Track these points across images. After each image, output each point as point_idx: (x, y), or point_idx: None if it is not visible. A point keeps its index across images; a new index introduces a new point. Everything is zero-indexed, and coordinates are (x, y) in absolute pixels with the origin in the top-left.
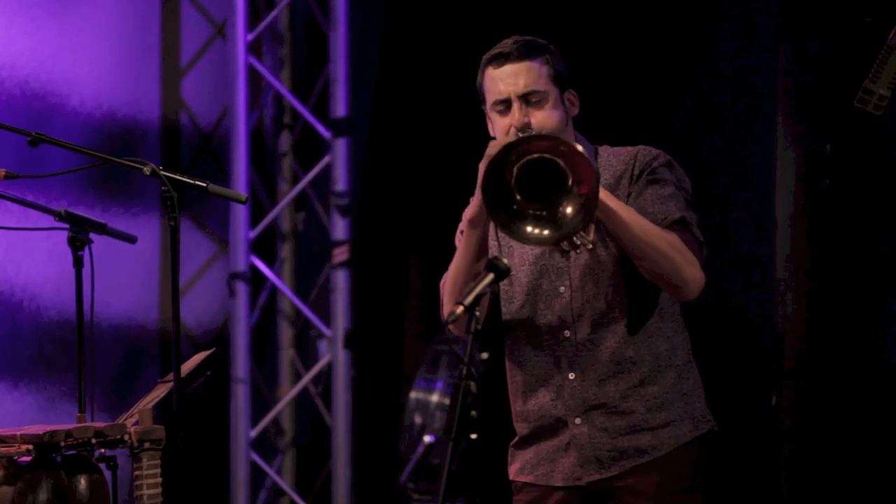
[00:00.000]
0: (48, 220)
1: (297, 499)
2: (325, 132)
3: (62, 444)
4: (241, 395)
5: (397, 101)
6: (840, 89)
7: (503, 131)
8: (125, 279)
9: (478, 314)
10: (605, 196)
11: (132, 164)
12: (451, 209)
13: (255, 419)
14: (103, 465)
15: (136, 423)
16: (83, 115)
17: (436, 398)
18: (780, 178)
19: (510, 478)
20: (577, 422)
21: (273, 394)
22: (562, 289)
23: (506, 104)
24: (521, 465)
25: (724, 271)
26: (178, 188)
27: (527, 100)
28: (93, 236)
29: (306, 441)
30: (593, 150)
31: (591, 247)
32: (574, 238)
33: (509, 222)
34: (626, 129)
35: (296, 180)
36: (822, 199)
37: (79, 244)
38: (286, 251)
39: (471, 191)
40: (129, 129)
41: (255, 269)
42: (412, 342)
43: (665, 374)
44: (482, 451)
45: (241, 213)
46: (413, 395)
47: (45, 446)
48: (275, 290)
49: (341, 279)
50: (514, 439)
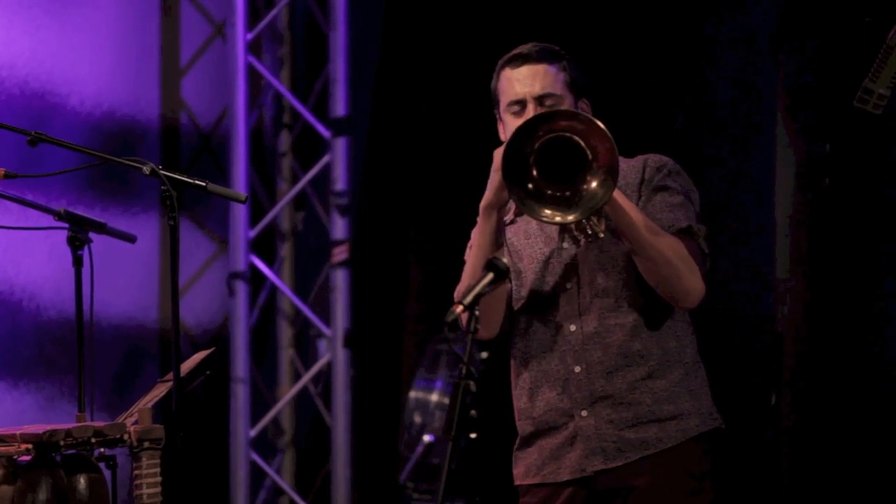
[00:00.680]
0: (48, 220)
1: (296, 498)
2: (324, 132)
3: (62, 443)
4: (240, 395)
5: (397, 100)
6: (840, 89)
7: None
8: (125, 279)
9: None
10: (617, 194)
11: (132, 163)
12: (451, 208)
13: (254, 419)
14: (103, 465)
15: (136, 423)
16: (83, 115)
17: (435, 397)
18: (779, 178)
19: (515, 483)
20: (584, 414)
21: (273, 393)
22: (568, 285)
23: (521, 105)
24: (525, 469)
25: (723, 271)
26: (178, 187)
27: (542, 102)
28: (92, 236)
29: (306, 441)
30: None
31: (602, 235)
32: (588, 226)
33: (530, 202)
34: (626, 129)
35: (295, 180)
36: (822, 199)
37: (78, 244)
38: (286, 251)
39: (470, 190)
40: (128, 129)
41: (254, 268)
42: (412, 341)
43: (673, 369)
44: (482, 451)
45: (240, 213)
46: (412, 394)
47: (44, 446)
48: (274, 290)
49: (341, 279)
50: (517, 441)
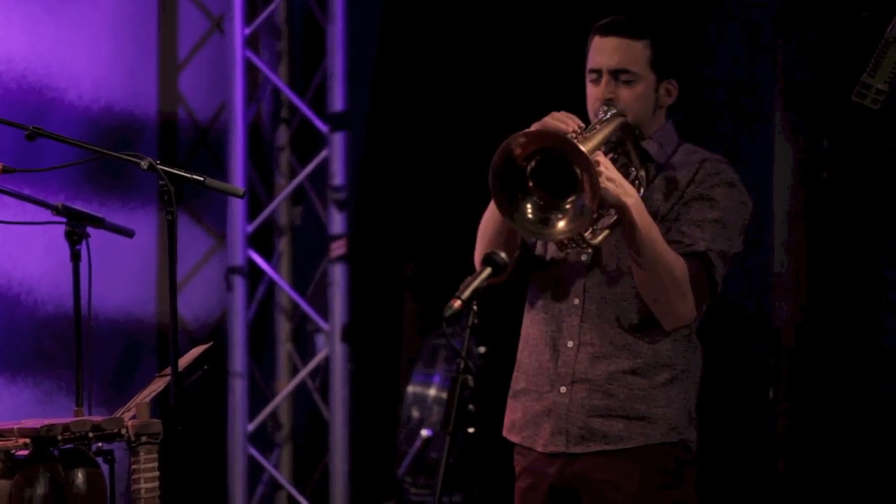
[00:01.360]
0: (45, 215)
1: (294, 493)
2: (322, 126)
3: (59, 437)
4: (238, 390)
5: (395, 95)
6: (838, 84)
7: (591, 99)
8: (123, 273)
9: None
10: (635, 211)
11: (129, 158)
12: (449, 202)
13: (252, 413)
14: (100, 459)
15: (134, 417)
16: (80, 110)
17: (433, 392)
18: (778, 173)
19: (503, 433)
20: (562, 390)
21: (270, 388)
22: (584, 257)
23: (598, 74)
24: (511, 423)
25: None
26: (176, 182)
27: (616, 76)
28: (90, 230)
29: (304, 435)
30: (676, 143)
31: (590, 251)
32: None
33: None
34: None
35: (293, 174)
36: (821, 194)
37: (76, 238)
38: (283, 245)
39: (467, 184)
40: (126, 124)
41: (252, 263)
42: (410, 336)
43: (659, 372)
44: (480, 445)
45: (238, 208)
46: (410, 388)
47: (42, 440)
48: (272, 285)
49: (339, 273)
50: (510, 389)
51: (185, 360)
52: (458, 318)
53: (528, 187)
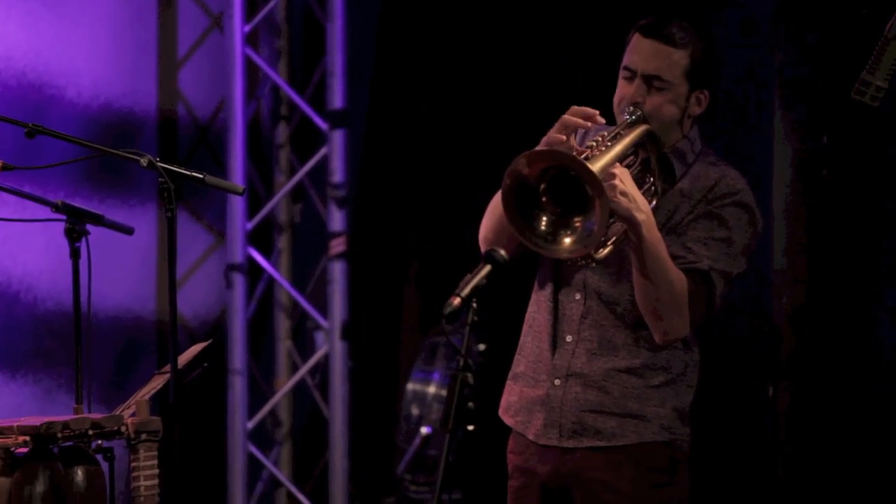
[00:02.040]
0: (45, 212)
1: (294, 490)
2: (322, 124)
3: (59, 435)
4: (237, 387)
5: (394, 92)
6: (837, 81)
7: (619, 95)
8: (122, 271)
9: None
10: (645, 227)
11: (129, 155)
12: (448, 199)
13: (252, 411)
14: (100, 457)
15: (133, 415)
16: (80, 107)
17: (433, 389)
18: (777, 170)
19: (499, 412)
20: (557, 383)
21: (270, 385)
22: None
23: (631, 73)
24: (507, 404)
25: None
26: (175, 179)
27: (649, 82)
28: (90, 227)
29: (303, 432)
30: (698, 152)
31: (593, 265)
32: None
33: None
34: None
35: (293, 172)
36: (820, 191)
37: (76, 235)
38: (283, 243)
39: (467, 180)
40: (125, 121)
41: (252, 260)
42: (409, 333)
43: (654, 374)
44: (479, 443)
45: (237, 205)
46: (410, 386)
47: (41, 438)
48: (272, 282)
49: (338, 271)
50: (511, 371)
51: (184, 358)
52: (457, 316)
53: (541, 202)
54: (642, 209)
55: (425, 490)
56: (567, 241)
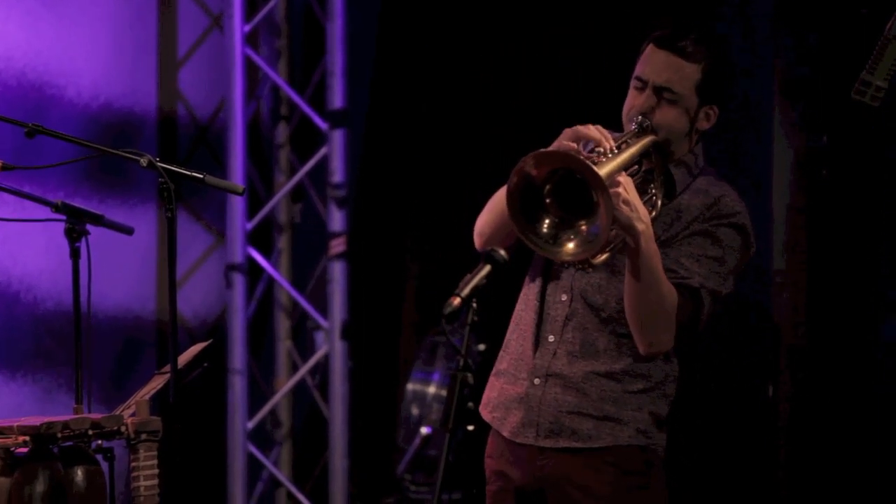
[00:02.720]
0: (45, 212)
1: (293, 490)
2: (322, 124)
3: (59, 435)
4: (237, 387)
5: (394, 92)
6: (837, 81)
7: (628, 105)
8: (122, 270)
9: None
10: (643, 238)
11: (129, 155)
12: (448, 200)
13: (251, 411)
14: (100, 457)
15: (133, 415)
16: (80, 107)
17: (433, 389)
18: (777, 170)
19: (479, 407)
20: (536, 382)
21: (270, 385)
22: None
23: (642, 83)
24: (487, 399)
25: None
26: (175, 179)
27: (659, 93)
28: (90, 227)
29: (303, 432)
30: (701, 168)
31: (590, 270)
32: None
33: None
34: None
35: (293, 172)
36: (820, 191)
37: (76, 235)
38: (283, 242)
39: (467, 181)
40: (125, 121)
41: (251, 260)
42: (409, 333)
43: (634, 381)
44: (479, 443)
45: (237, 205)
46: (410, 386)
47: (41, 438)
48: (272, 282)
49: (338, 270)
50: (494, 367)
51: (184, 358)
52: (457, 316)
53: (545, 204)
54: (643, 219)
55: (425, 490)
56: (570, 246)
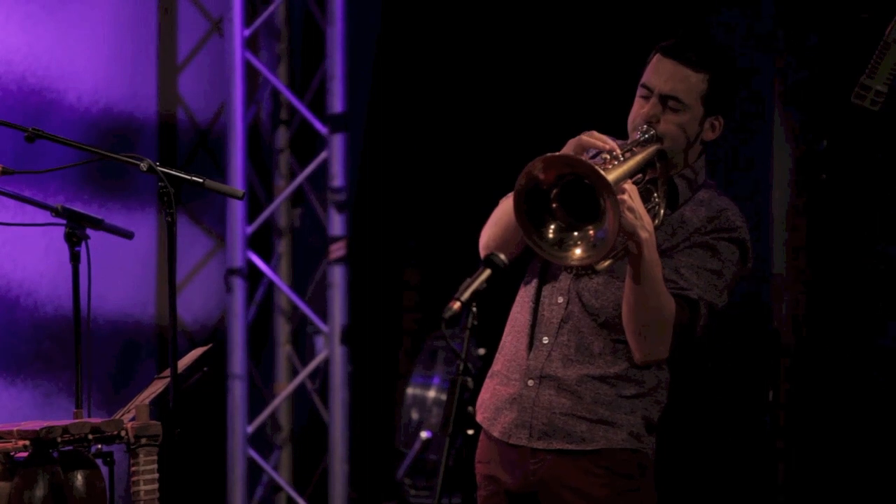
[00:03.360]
0: (45, 216)
1: (293, 495)
2: (321, 128)
3: (59, 439)
4: (237, 391)
5: (394, 96)
6: (837, 85)
7: (634, 113)
8: (122, 275)
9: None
10: (646, 247)
11: (129, 159)
12: (448, 204)
13: (251, 415)
14: (100, 461)
15: (133, 419)
16: (80, 111)
17: (432, 394)
18: (776, 174)
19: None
20: (530, 384)
21: (270, 390)
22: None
23: (648, 92)
24: (480, 400)
25: None
26: (175, 184)
27: (665, 102)
28: (89, 232)
29: (303, 437)
30: (702, 182)
31: (593, 275)
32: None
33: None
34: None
35: (293, 176)
36: (819, 195)
37: (76, 240)
38: (283, 247)
39: (467, 184)
40: (125, 125)
41: (251, 264)
42: (409, 338)
43: (627, 385)
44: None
45: (237, 209)
46: (410, 390)
47: (41, 442)
48: (272, 286)
49: (338, 275)
50: (490, 369)
51: (184, 362)
52: (457, 320)
53: (552, 209)
54: (647, 227)
55: (425, 494)
56: (577, 252)
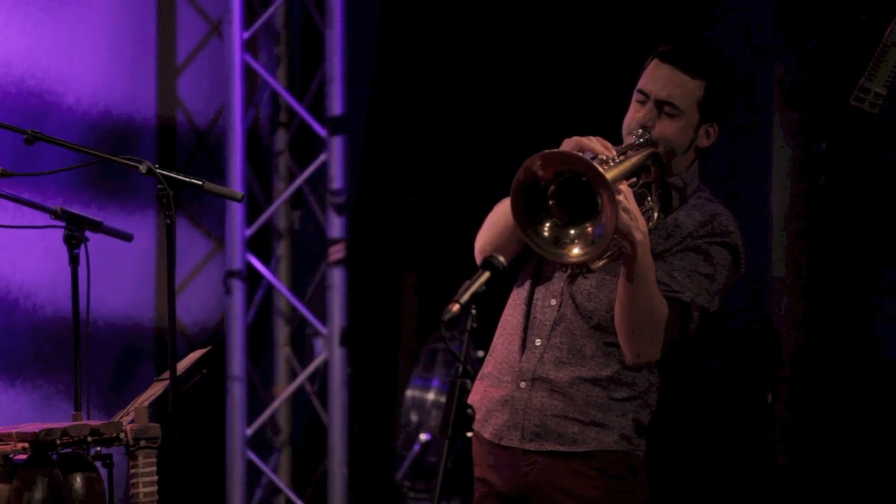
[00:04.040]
0: (44, 218)
1: (293, 497)
2: (321, 130)
3: (58, 442)
4: (237, 394)
5: (394, 99)
6: (836, 87)
7: (629, 118)
8: (121, 277)
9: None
10: (640, 250)
11: (128, 162)
12: (447, 207)
13: (251, 417)
14: (99, 464)
15: (132, 422)
16: (79, 114)
17: (432, 396)
18: (776, 176)
19: None
20: (522, 385)
21: (269, 392)
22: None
23: (645, 97)
24: (470, 402)
25: None
26: (175, 186)
27: (660, 107)
28: (89, 234)
29: (302, 439)
30: (695, 187)
31: (588, 275)
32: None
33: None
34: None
35: (292, 178)
36: (819, 197)
37: (75, 242)
38: (282, 249)
39: (466, 188)
40: (125, 127)
41: (251, 267)
42: (408, 340)
43: (619, 388)
44: None
45: (237, 211)
46: (409, 393)
47: (40, 444)
48: (271, 288)
49: (337, 277)
50: (480, 371)
51: (183, 364)
52: (456, 322)
53: (548, 206)
54: (641, 229)
55: (424, 497)
56: (574, 250)
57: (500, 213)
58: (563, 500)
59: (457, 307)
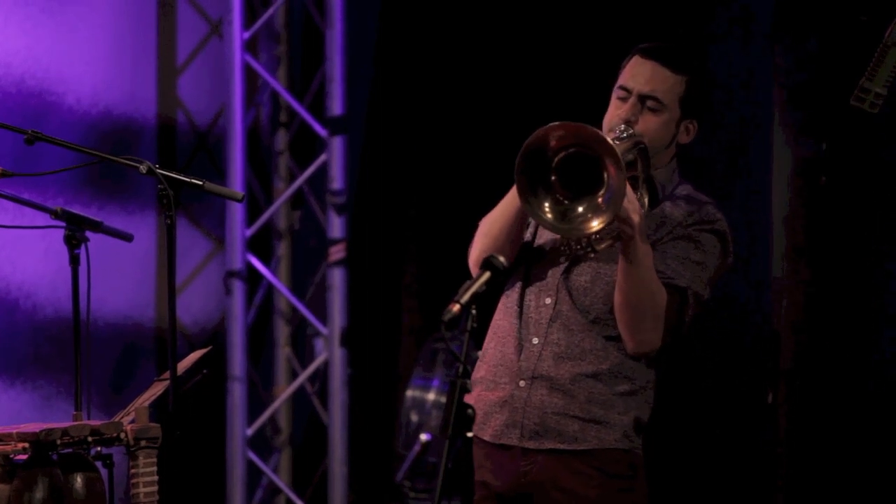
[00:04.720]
0: (44, 219)
1: (293, 497)
2: (321, 130)
3: (58, 442)
4: (237, 394)
5: (394, 99)
6: (836, 88)
7: (610, 114)
8: (121, 277)
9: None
10: (641, 231)
11: (128, 162)
12: (448, 206)
13: (251, 417)
14: (99, 464)
15: (133, 422)
16: (79, 114)
17: (432, 396)
18: (776, 177)
19: None
20: (522, 384)
21: (269, 392)
22: (562, 259)
23: (626, 93)
24: None
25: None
26: (175, 186)
27: (643, 102)
28: (89, 234)
29: (303, 439)
30: (677, 182)
31: (592, 255)
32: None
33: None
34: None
35: (292, 178)
36: (819, 198)
37: (75, 242)
38: (282, 249)
39: (467, 188)
40: (125, 128)
41: (251, 267)
42: (409, 340)
43: (619, 382)
44: None
45: (237, 212)
46: (409, 393)
47: (41, 444)
48: (271, 289)
49: (338, 277)
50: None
51: (183, 365)
52: (456, 323)
53: (550, 181)
54: (638, 212)
55: (425, 497)
56: (594, 224)
57: (494, 219)
58: (563, 500)
59: (457, 307)
